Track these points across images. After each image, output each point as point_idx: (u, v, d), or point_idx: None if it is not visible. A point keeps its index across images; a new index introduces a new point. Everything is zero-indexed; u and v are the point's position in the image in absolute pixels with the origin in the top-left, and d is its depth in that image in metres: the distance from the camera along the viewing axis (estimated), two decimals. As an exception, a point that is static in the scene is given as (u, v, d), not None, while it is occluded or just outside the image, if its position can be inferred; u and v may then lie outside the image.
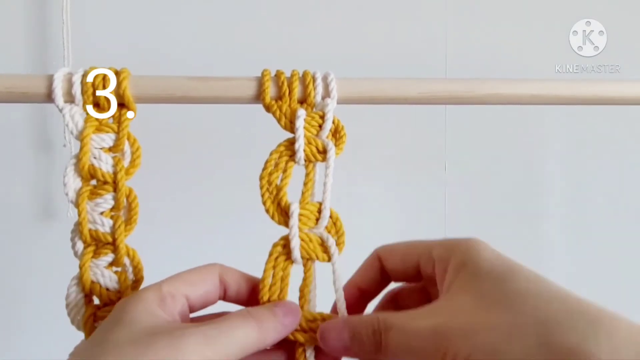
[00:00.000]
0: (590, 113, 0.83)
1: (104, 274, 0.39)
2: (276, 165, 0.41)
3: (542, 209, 0.86)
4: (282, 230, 0.41)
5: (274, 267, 0.40)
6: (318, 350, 0.39)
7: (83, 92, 0.40)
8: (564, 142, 0.85)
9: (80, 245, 0.39)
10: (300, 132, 0.41)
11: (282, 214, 0.41)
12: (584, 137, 0.85)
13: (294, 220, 0.40)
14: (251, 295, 0.39)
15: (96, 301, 0.40)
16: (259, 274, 0.40)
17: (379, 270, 0.40)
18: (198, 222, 0.78)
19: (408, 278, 0.40)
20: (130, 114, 0.41)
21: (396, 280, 0.40)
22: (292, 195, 0.41)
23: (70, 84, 0.40)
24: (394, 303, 0.42)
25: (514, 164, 0.84)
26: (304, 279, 0.40)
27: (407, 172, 0.83)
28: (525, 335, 0.29)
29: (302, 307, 0.40)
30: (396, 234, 0.83)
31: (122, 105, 0.41)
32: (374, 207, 0.81)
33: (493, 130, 0.83)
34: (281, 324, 0.36)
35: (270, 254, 0.40)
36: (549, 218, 0.86)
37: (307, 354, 0.39)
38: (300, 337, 0.38)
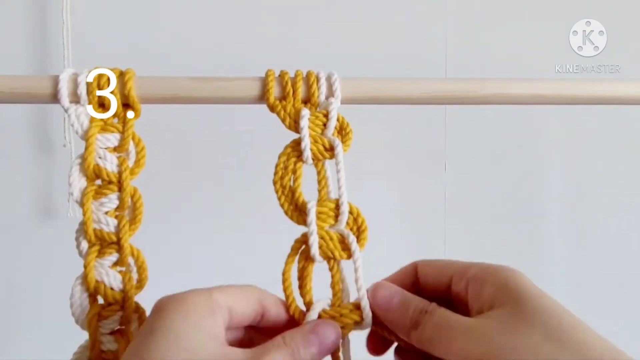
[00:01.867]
0: (590, 113, 0.83)
1: (109, 274, 0.39)
2: (285, 167, 0.41)
3: (542, 209, 0.86)
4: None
5: (297, 263, 0.40)
6: None
7: (88, 93, 0.40)
8: (564, 142, 0.85)
9: (85, 245, 0.39)
10: (306, 132, 0.41)
11: (301, 214, 0.41)
12: (584, 137, 0.85)
13: (312, 217, 0.40)
14: (290, 322, 0.39)
15: (100, 301, 0.40)
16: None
17: (412, 280, 0.41)
18: (202, 222, 0.78)
19: (438, 293, 0.40)
20: (130, 114, 0.41)
21: (426, 292, 0.40)
22: (309, 196, 0.42)
23: (75, 84, 0.40)
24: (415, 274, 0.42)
25: (514, 163, 0.85)
26: (332, 277, 0.40)
27: (407, 172, 0.83)
28: None
29: (334, 304, 0.40)
30: (396, 233, 0.83)
31: (127, 105, 0.41)
32: (374, 207, 0.81)
33: (493, 130, 0.84)
34: (317, 354, 0.36)
35: (292, 249, 0.41)
36: (549, 218, 0.86)
37: (341, 352, 0.39)
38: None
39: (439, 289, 0.39)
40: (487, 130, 0.84)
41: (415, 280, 0.41)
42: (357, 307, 0.39)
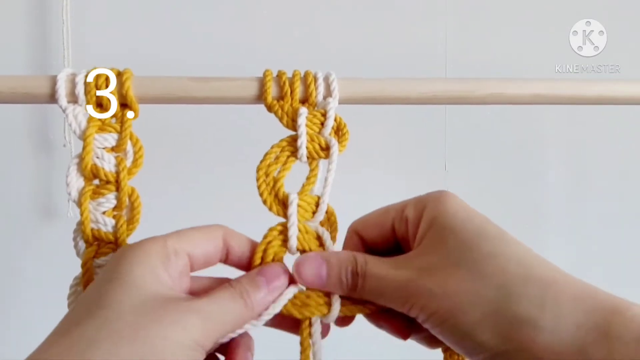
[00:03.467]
0: (590, 113, 0.83)
1: (107, 274, 0.39)
2: (276, 158, 0.41)
3: (542, 209, 0.86)
4: None
5: (265, 251, 0.39)
6: None
7: (86, 93, 0.40)
8: (564, 142, 0.85)
9: (82, 245, 0.39)
10: (303, 129, 0.41)
11: (280, 205, 0.41)
12: (584, 137, 0.85)
13: (293, 209, 0.40)
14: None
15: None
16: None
17: (360, 245, 0.41)
18: (200, 221, 0.78)
19: (386, 244, 0.40)
20: (130, 114, 0.41)
21: (375, 249, 0.40)
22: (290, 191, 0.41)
23: (73, 85, 0.40)
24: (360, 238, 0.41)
25: (514, 163, 0.84)
26: None
27: (407, 172, 0.83)
28: (483, 302, 0.32)
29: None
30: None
31: (125, 105, 0.41)
32: (374, 206, 0.81)
33: (493, 130, 0.84)
34: (266, 293, 0.36)
35: (265, 237, 0.40)
36: (549, 218, 0.86)
37: (313, 329, 0.39)
38: (296, 313, 0.38)
39: (386, 239, 0.40)
40: (487, 130, 0.83)
41: (362, 243, 0.41)
42: (328, 295, 0.39)
